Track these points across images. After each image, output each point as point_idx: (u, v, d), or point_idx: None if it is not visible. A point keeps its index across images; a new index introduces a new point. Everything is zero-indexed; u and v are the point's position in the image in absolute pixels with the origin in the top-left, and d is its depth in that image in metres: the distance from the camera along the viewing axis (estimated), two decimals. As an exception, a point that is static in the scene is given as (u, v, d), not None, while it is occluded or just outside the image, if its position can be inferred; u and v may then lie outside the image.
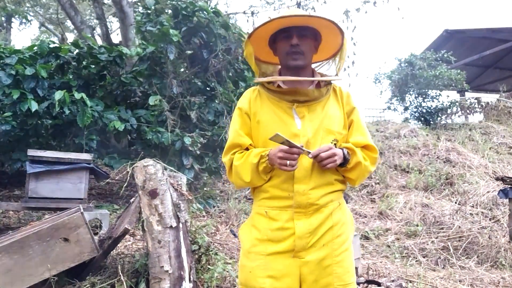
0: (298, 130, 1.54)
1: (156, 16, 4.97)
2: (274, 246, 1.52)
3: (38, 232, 2.61)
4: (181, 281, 2.58)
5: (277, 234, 1.53)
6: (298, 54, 1.55)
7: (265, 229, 1.55)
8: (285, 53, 1.56)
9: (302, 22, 1.54)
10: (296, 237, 1.50)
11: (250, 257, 1.56)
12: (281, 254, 1.52)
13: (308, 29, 1.56)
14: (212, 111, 5.14)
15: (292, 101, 1.57)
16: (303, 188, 1.51)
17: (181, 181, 2.81)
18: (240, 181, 1.57)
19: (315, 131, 1.54)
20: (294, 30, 1.54)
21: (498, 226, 5.14)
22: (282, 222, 1.52)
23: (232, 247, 3.92)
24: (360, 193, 6.57)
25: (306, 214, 1.52)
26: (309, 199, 1.51)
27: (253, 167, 1.51)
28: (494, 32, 12.72)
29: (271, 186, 1.55)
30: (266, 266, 1.51)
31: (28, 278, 2.57)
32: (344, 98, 1.65)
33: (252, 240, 1.57)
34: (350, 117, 1.64)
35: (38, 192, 3.68)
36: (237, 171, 1.56)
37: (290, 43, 1.54)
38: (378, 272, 3.82)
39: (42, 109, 4.40)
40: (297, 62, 1.56)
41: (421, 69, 10.35)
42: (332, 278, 1.51)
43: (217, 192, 5.87)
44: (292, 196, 1.51)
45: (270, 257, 1.52)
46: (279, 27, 1.55)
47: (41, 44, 4.88)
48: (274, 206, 1.55)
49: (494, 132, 9.58)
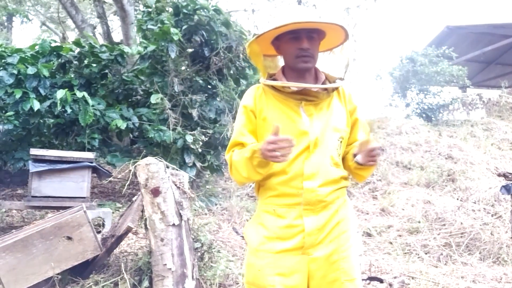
0: (307, 127, 1.54)
1: (157, 15, 4.97)
2: (283, 243, 1.52)
3: (42, 231, 2.62)
4: (184, 278, 2.59)
5: (285, 232, 1.53)
6: (308, 57, 1.55)
7: (273, 226, 1.55)
8: (295, 56, 1.55)
9: (313, 26, 1.53)
10: (305, 234, 1.51)
11: (258, 255, 1.55)
12: (290, 251, 1.52)
13: (315, 31, 1.55)
14: (214, 109, 5.14)
15: (300, 99, 1.57)
16: (312, 185, 1.52)
17: (183, 179, 2.82)
18: (239, 176, 1.56)
19: (322, 129, 1.56)
20: (303, 32, 1.53)
21: (500, 222, 5.13)
22: (291, 219, 1.53)
23: (234, 245, 3.93)
24: (362, 190, 6.57)
25: (314, 211, 1.53)
26: (317, 196, 1.52)
27: (247, 162, 1.49)
28: (495, 27, 12.67)
29: (279, 184, 1.55)
30: (275, 264, 1.52)
31: (32, 277, 2.58)
32: (346, 97, 1.68)
33: (260, 238, 1.57)
34: (354, 116, 1.68)
35: (41, 191, 3.69)
36: (236, 167, 1.55)
37: (301, 47, 1.53)
38: (381, 268, 3.83)
39: (44, 108, 4.42)
40: (308, 65, 1.56)
41: (423, 65, 10.31)
42: (339, 273, 1.53)
43: (219, 190, 5.88)
44: (301, 193, 1.52)
45: (278, 254, 1.52)
46: (288, 29, 1.53)
47: (43, 43, 4.89)
48: (282, 203, 1.55)
49: (496, 128, 9.55)
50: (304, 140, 1.54)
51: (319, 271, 1.53)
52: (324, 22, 1.51)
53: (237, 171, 1.56)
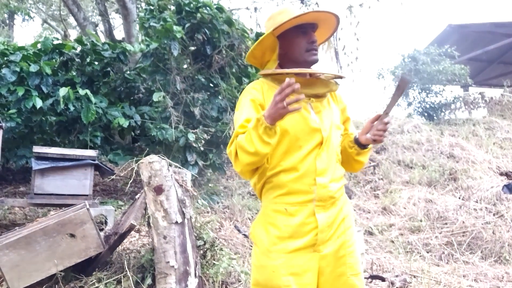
0: (318, 124, 1.55)
1: (159, 13, 4.96)
2: (295, 242, 1.51)
3: (45, 228, 2.63)
4: (186, 276, 2.60)
5: (298, 230, 1.52)
6: (316, 50, 1.62)
7: (285, 226, 1.53)
8: (305, 50, 1.60)
9: (314, 19, 1.60)
10: (318, 230, 1.52)
11: (271, 256, 1.52)
12: (302, 250, 1.52)
13: (314, 25, 1.63)
14: (216, 107, 5.14)
15: (309, 96, 1.57)
16: (324, 180, 1.53)
17: (186, 177, 2.82)
18: (246, 156, 1.43)
19: (330, 126, 1.59)
20: (310, 27, 1.61)
21: (502, 221, 5.13)
22: (303, 217, 1.52)
23: (236, 243, 3.94)
24: (363, 188, 6.58)
25: (325, 207, 1.54)
26: (329, 192, 1.54)
27: (253, 132, 1.39)
28: (498, 26, 12.64)
29: (290, 181, 1.52)
30: (288, 263, 1.50)
31: (35, 274, 2.59)
32: (337, 97, 1.73)
33: (272, 238, 1.53)
34: (345, 114, 1.74)
35: (43, 188, 3.70)
36: (241, 146, 1.44)
37: (310, 40, 1.60)
38: (382, 267, 3.83)
39: (46, 106, 4.42)
40: (317, 57, 1.62)
41: (425, 64, 10.30)
42: (346, 268, 1.55)
43: (221, 188, 5.88)
44: (314, 189, 1.52)
45: (291, 254, 1.51)
46: (297, 23, 1.57)
47: (45, 41, 4.89)
48: (293, 202, 1.53)
49: (498, 127, 9.54)
50: (316, 137, 1.54)
51: (328, 267, 1.54)
52: (332, 13, 1.59)
53: (242, 149, 1.44)
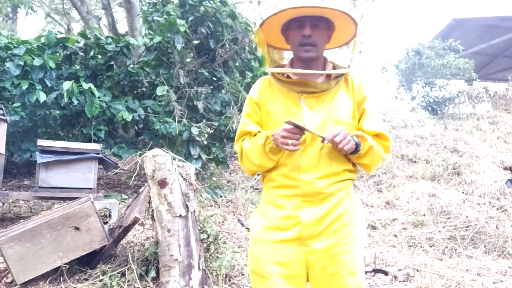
0: (305, 121, 1.53)
1: (163, 6, 4.95)
2: (281, 233, 1.54)
3: (50, 221, 2.65)
4: (190, 269, 2.61)
5: (284, 222, 1.55)
6: (310, 46, 1.53)
7: (273, 217, 1.57)
8: (297, 44, 1.54)
9: (316, 13, 1.52)
10: (302, 225, 1.52)
11: (258, 244, 1.59)
12: (288, 241, 1.53)
13: (321, 19, 1.54)
14: (219, 101, 5.13)
15: (301, 92, 1.57)
16: (309, 177, 1.52)
17: (189, 171, 2.83)
18: (251, 164, 1.60)
19: (322, 122, 1.54)
20: (308, 20, 1.52)
21: (505, 215, 5.11)
22: (289, 210, 1.54)
23: (240, 236, 3.95)
24: (367, 183, 6.57)
25: (313, 202, 1.53)
26: (315, 188, 1.52)
27: (260, 148, 1.54)
28: (502, 20, 12.54)
29: (279, 175, 1.57)
30: (273, 253, 1.54)
31: (40, 266, 2.62)
32: (355, 88, 1.63)
33: (261, 227, 1.60)
34: (362, 106, 1.62)
35: (48, 181, 3.72)
36: (247, 155, 1.59)
37: (303, 34, 1.52)
38: (385, 261, 3.84)
39: (50, 99, 4.44)
40: (309, 54, 1.54)
41: (429, 58, 10.25)
42: (339, 267, 1.52)
43: (224, 182, 5.90)
44: (299, 185, 1.53)
45: (277, 244, 1.54)
46: (292, 16, 1.53)
47: (49, 34, 4.90)
48: (281, 194, 1.57)
49: (502, 122, 9.50)
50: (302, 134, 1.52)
51: (318, 263, 1.52)
52: (324, 7, 1.48)
53: (248, 159, 1.60)
